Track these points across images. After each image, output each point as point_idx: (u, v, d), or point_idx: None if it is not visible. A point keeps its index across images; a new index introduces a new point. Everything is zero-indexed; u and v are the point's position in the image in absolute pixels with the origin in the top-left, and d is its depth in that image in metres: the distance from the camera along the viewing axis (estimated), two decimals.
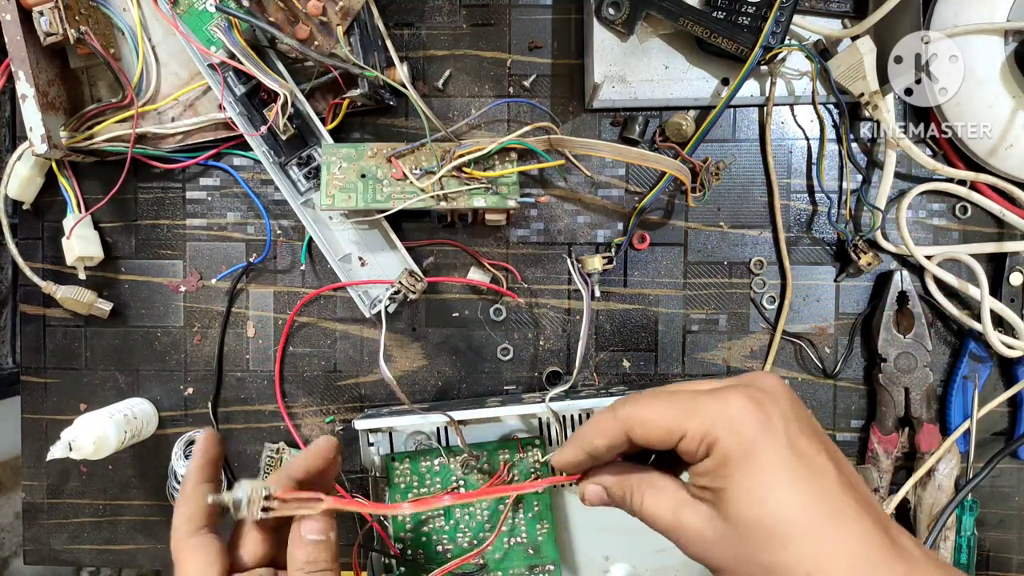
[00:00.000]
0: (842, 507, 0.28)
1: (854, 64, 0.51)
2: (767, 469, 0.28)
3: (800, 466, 0.28)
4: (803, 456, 0.29)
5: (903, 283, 0.54)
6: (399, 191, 0.50)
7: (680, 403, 0.30)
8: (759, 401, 0.29)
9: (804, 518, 0.28)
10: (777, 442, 0.29)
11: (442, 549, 0.52)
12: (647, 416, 0.30)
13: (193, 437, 0.57)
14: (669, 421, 0.30)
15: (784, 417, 0.29)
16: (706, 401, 0.29)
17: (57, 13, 0.48)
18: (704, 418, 0.29)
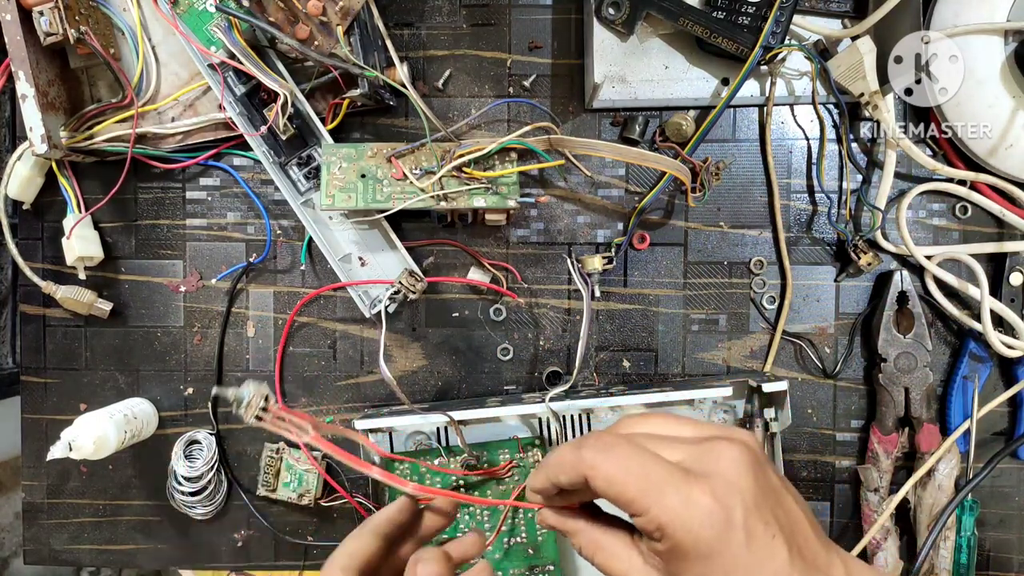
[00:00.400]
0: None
1: (854, 64, 0.51)
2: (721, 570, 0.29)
3: (752, 562, 0.29)
4: (758, 549, 0.29)
5: (903, 283, 0.54)
6: (399, 191, 0.50)
7: (646, 479, 0.29)
8: (723, 498, 0.29)
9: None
10: (734, 542, 0.29)
11: None
12: (609, 474, 0.30)
13: (194, 437, 0.57)
14: (631, 493, 0.30)
15: (744, 508, 0.29)
16: (671, 492, 0.29)
17: (57, 13, 0.48)
18: (665, 510, 0.29)
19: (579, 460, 0.31)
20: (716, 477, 0.30)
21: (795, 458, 0.57)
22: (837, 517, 0.57)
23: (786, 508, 0.31)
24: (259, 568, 0.59)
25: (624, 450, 0.30)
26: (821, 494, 0.57)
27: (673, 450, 0.31)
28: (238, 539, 0.58)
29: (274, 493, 0.56)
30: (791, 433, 0.57)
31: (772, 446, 0.53)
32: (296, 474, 0.56)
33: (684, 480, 0.29)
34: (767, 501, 0.30)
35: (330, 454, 0.37)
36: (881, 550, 0.54)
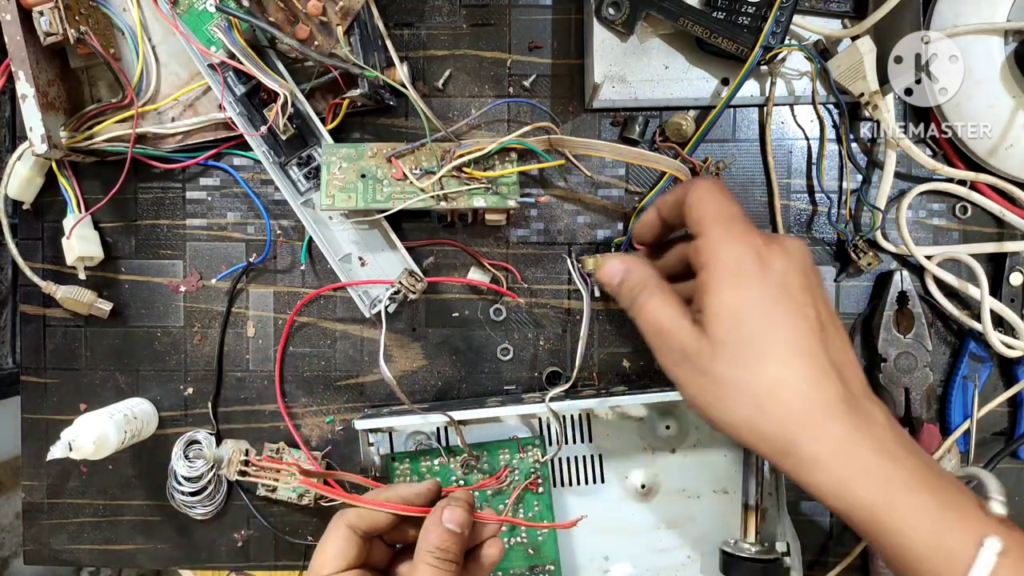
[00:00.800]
0: (810, 351, 0.31)
1: (854, 64, 0.51)
2: (751, 297, 0.32)
3: (781, 307, 0.32)
4: (789, 299, 0.32)
5: (903, 283, 0.54)
6: (399, 191, 0.50)
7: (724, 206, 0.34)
8: (772, 247, 0.33)
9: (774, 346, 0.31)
10: (766, 281, 0.32)
11: None
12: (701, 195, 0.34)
13: (194, 437, 0.57)
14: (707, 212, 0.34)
15: (786, 268, 0.33)
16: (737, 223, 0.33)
17: (57, 13, 0.48)
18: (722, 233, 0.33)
19: (690, 182, 0.36)
20: (779, 243, 0.34)
21: None
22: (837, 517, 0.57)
23: (831, 315, 0.34)
24: (259, 568, 0.59)
25: (725, 193, 0.35)
26: None
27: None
28: (238, 539, 0.58)
29: (274, 493, 0.56)
30: None
31: None
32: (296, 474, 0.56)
33: (754, 228, 0.34)
34: (814, 290, 0.33)
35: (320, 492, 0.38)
36: None
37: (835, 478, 0.31)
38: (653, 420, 0.54)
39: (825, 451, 0.31)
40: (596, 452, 0.54)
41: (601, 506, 0.54)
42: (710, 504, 0.54)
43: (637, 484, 0.54)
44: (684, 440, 0.55)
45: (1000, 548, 0.29)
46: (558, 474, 0.54)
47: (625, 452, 0.54)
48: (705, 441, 0.55)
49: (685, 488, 0.55)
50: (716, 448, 0.55)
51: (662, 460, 0.55)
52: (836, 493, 0.31)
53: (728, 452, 0.55)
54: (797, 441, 0.31)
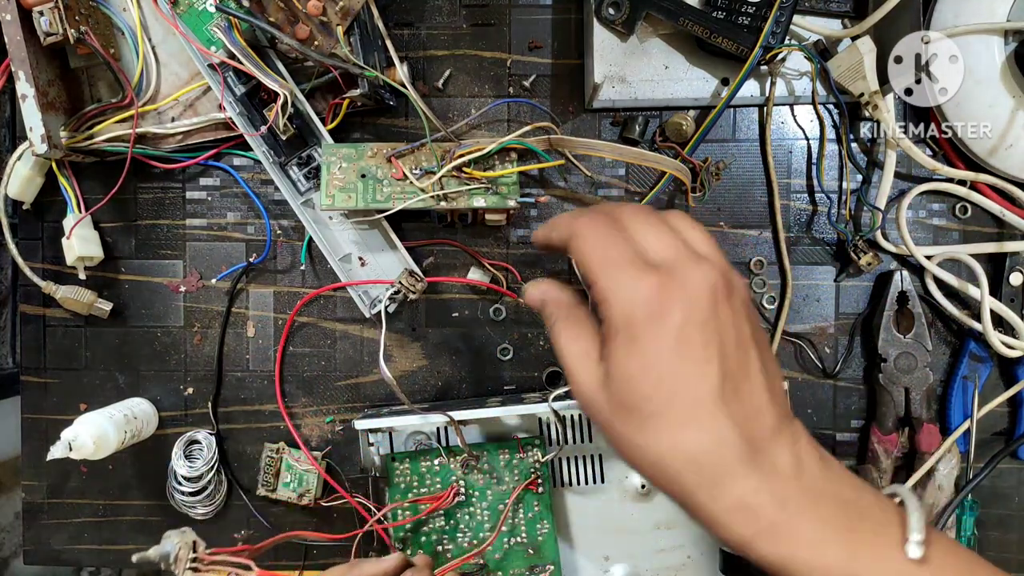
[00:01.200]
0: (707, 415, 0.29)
1: (854, 64, 0.51)
2: (643, 359, 0.30)
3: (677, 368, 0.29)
4: (684, 359, 0.29)
5: (903, 283, 0.54)
6: (399, 191, 0.50)
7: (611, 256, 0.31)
8: (669, 295, 0.30)
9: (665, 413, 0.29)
10: (663, 339, 0.29)
11: (442, 549, 0.52)
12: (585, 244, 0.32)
13: (194, 437, 0.57)
14: (593, 262, 0.31)
15: (687, 315, 0.30)
16: (625, 273, 0.30)
17: (57, 13, 0.48)
18: (612, 282, 0.30)
19: (572, 222, 0.33)
20: (676, 281, 0.30)
21: None
22: None
23: (743, 351, 0.31)
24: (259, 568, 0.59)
25: (609, 231, 0.32)
26: None
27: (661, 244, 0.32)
28: (238, 539, 0.58)
29: (274, 493, 0.56)
30: None
31: None
32: (296, 474, 0.56)
33: (643, 269, 0.30)
34: (721, 328, 0.30)
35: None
36: None
37: (736, 536, 0.29)
38: None
39: (724, 513, 0.29)
40: (596, 452, 0.54)
41: (601, 506, 0.54)
42: None
43: (637, 484, 0.54)
44: None
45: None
46: (558, 474, 0.54)
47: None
48: None
49: None
50: None
51: None
52: (741, 549, 0.30)
53: None
54: (698, 503, 0.30)
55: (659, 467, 0.30)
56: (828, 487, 0.31)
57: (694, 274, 0.30)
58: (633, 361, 0.30)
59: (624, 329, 0.30)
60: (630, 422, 0.30)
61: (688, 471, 0.29)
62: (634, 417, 0.30)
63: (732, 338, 0.31)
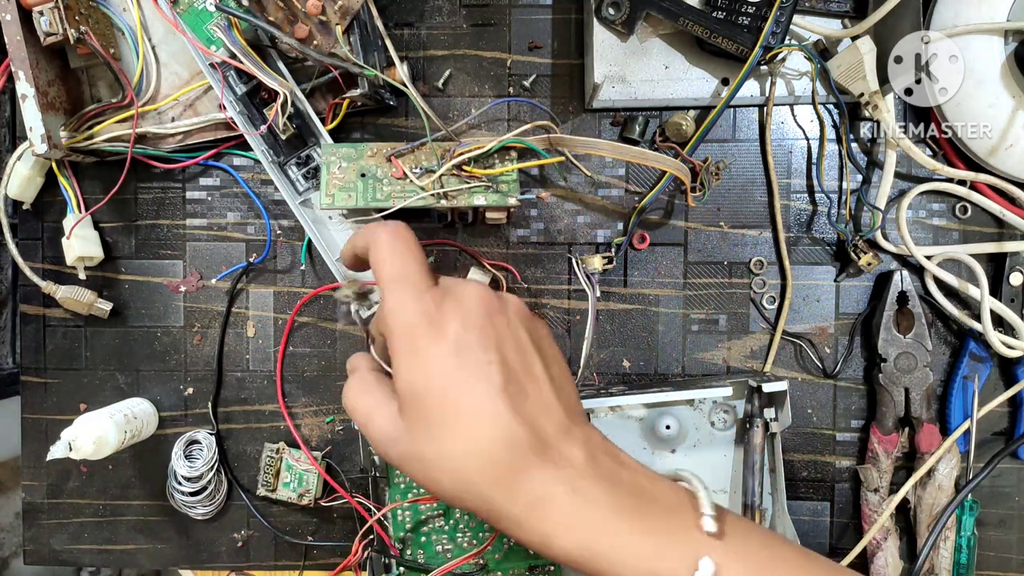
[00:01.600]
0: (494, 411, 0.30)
1: (854, 64, 0.51)
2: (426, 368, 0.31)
3: (459, 372, 0.31)
4: (465, 364, 0.31)
5: (903, 283, 0.54)
6: (399, 190, 0.50)
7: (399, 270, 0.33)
8: (443, 309, 0.32)
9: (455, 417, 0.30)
10: (441, 348, 0.31)
11: (441, 549, 0.52)
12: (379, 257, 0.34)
13: (194, 437, 0.57)
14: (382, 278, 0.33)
15: (463, 327, 0.32)
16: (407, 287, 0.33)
17: (57, 13, 0.48)
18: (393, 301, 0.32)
19: (376, 230, 0.35)
20: (451, 296, 0.33)
21: (795, 458, 0.57)
22: (837, 517, 0.57)
23: (523, 355, 0.33)
24: (259, 568, 0.59)
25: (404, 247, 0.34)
26: (821, 494, 0.57)
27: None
28: (238, 539, 0.58)
29: (274, 493, 0.56)
30: (791, 433, 0.57)
31: (772, 446, 0.53)
32: (296, 474, 0.56)
33: (426, 285, 0.33)
34: (498, 335, 0.32)
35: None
36: (881, 550, 0.54)
37: (538, 534, 0.30)
38: (653, 420, 0.54)
39: (522, 510, 0.30)
40: None
41: None
42: None
43: None
44: (684, 440, 0.55)
45: (714, 569, 0.29)
46: None
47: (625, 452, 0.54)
48: (705, 441, 0.55)
49: None
50: (716, 448, 0.55)
51: (662, 460, 0.55)
52: (545, 548, 0.30)
53: (728, 452, 0.55)
54: (498, 506, 0.30)
55: (457, 476, 0.30)
56: (621, 477, 0.32)
57: (466, 289, 0.33)
58: (416, 372, 0.31)
59: (406, 342, 0.31)
60: (424, 438, 0.31)
61: (483, 472, 0.30)
62: (428, 430, 0.30)
63: (511, 344, 0.32)
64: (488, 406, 0.30)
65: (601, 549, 0.30)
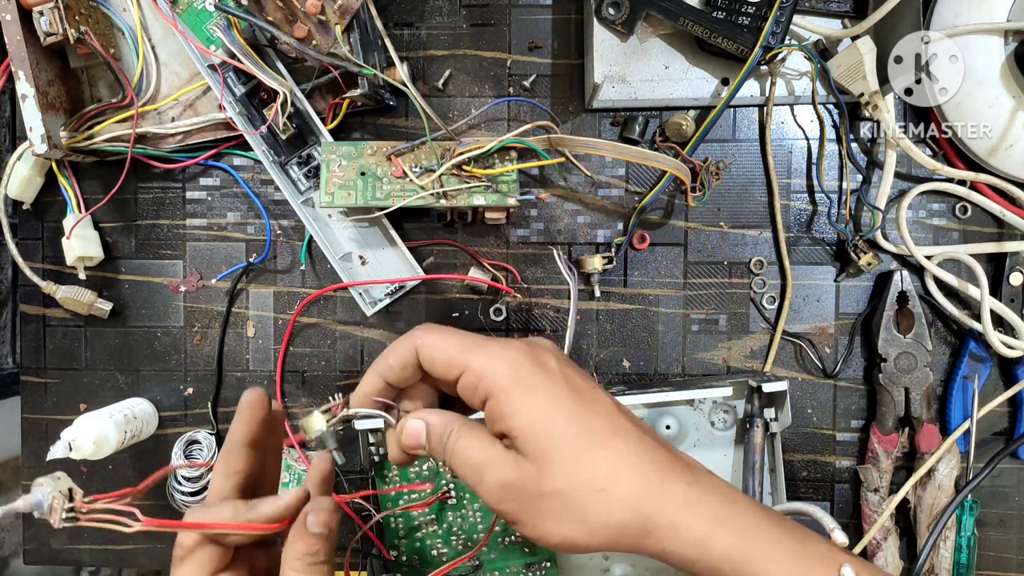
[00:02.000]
0: (623, 428, 0.31)
1: (854, 64, 0.51)
2: (550, 401, 0.31)
3: (578, 399, 0.31)
4: (579, 391, 0.32)
5: (903, 283, 0.54)
6: (399, 189, 0.50)
7: (467, 340, 0.33)
8: (536, 349, 0.33)
9: (592, 438, 0.30)
10: (553, 380, 0.31)
11: (437, 553, 0.52)
12: (435, 342, 0.33)
13: (194, 437, 0.57)
14: (454, 352, 0.32)
15: (559, 361, 0.32)
16: (489, 343, 0.32)
17: (57, 13, 0.48)
18: (485, 356, 0.31)
19: (410, 337, 0.34)
20: (531, 340, 0.34)
21: (795, 458, 0.57)
22: (837, 517, 0.57)
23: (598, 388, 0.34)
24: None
25: (450, 329, 0.34)
26: (821, 494, 0.57)
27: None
28: None
29: None
30: (791, 433, 0.57)
31: (772, 446, 0.53)
32: (295, 474, 0.56)
33: (501, 340, 0.33)
34: (583, 373, 0.33)
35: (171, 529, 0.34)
36: (881, 550, 0.54)
37: (693, 538, 0.30)
38: (653, 420, 0.54)
39: (677, 514, 0.30)
40: None
41: None
42: None
43: None
44: (684, 440, 0.55)
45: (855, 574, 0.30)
46: None
47: None
48: (705, 441, 0.55)
49: None
50: (716, 448, 0.55)
51: None
52: (698, 553, 0.30)
53: (728, 452, 0.55)
54: (651, 515, 0.30)
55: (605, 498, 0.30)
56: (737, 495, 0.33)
57: (541, 339, 0.35)
58: (538, 409, 0.30)
59: (516, 384, 0.31)
60: (559, 473, 0.30)
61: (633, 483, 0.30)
62: (562, 464, 0.30)
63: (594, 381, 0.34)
64: (612, 422, 0.31)
65: (757, 552, 0.30)
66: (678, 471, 0.31)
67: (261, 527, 0.33)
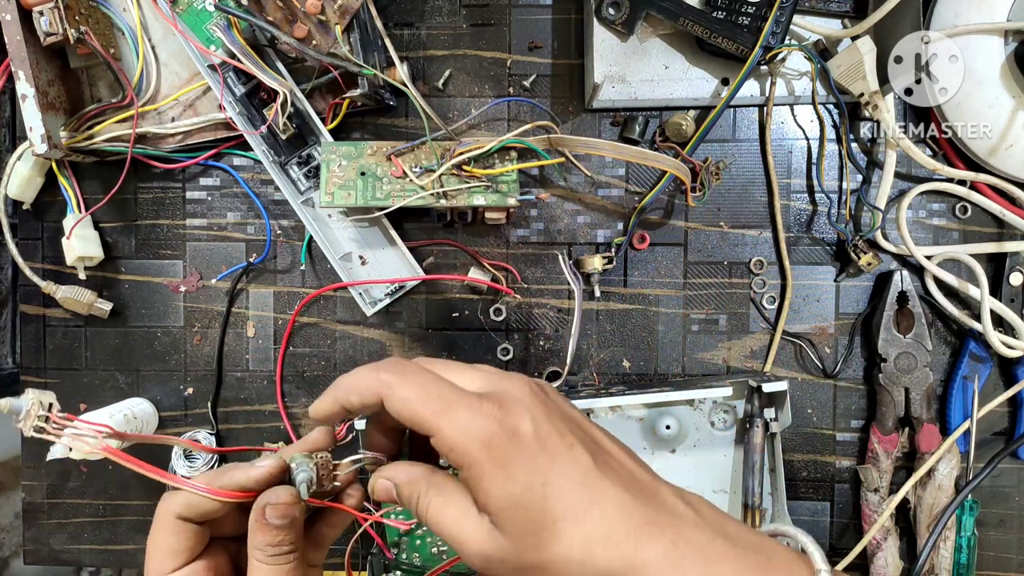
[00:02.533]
0: (599, 491, 0.29)
1: (854, 64, 0.51)
2: (523, 475, 0.29)
3: (554, 466, 0.29)
4: (555, 456, 0.30)
5: (903, 283, 0.54)
6: (399, 189, 0.50)
7: (438, 397, 0.30)
8: (510, 409, 0.30)
9: (566, 511, 0.29)
10: (527, 451, 0.29)
11: (437, 551, 0.52)
12: (405, 395, 0.30)
13: (194, 437, 0.57)
14: (425, 413, 0.30)
15: (534, 421, 0.30)
16: (462, 408, 0.29)
17: (57, 13, 0.48)
18: (456, 427, 0.29)
19: (377, 380, 0.31)
20: (504, 395, 0.31)
21: (795, 458, 0.57)
22: (837, 517, 0.57)
23: (587, 431, 0.32)
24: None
25: (420, 375, 0.31)
26: (821, 494, 0.57)
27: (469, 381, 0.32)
28: None
29: None
30: (791, 433, 0.57)
31: (772, 446, 0.53)
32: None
33: (476, 398, 0.30)
34: (561, 419, 0.31)
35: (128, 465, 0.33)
36: (881, 550, 0.54)
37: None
38: (653, 420, 0.54)
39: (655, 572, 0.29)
40: None
41: None
42: None
43: None
44: (684, 440, 0.55)
45: None
46: None
47: None
48: (705, 441, 0.55)
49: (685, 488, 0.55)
50: (716, 448, 0.55)
51: (662, 460, 0.55)
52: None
53: (728, 452, 0.55)
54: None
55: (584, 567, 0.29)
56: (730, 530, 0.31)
57: (513, 385, 0.31)
58: (512, 483, 0.29)
59: (488, 459, 0.29)
60: (535, 545, 0.29)
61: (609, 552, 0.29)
62: (539, 535, 0.29)
63: (568, 421, 0.31)
64: (591, 486, 0.30)
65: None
66: (659, 531, 0.29)
67: (226, 494, 0.32)
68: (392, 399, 0.30)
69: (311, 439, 0.35)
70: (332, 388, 0.32)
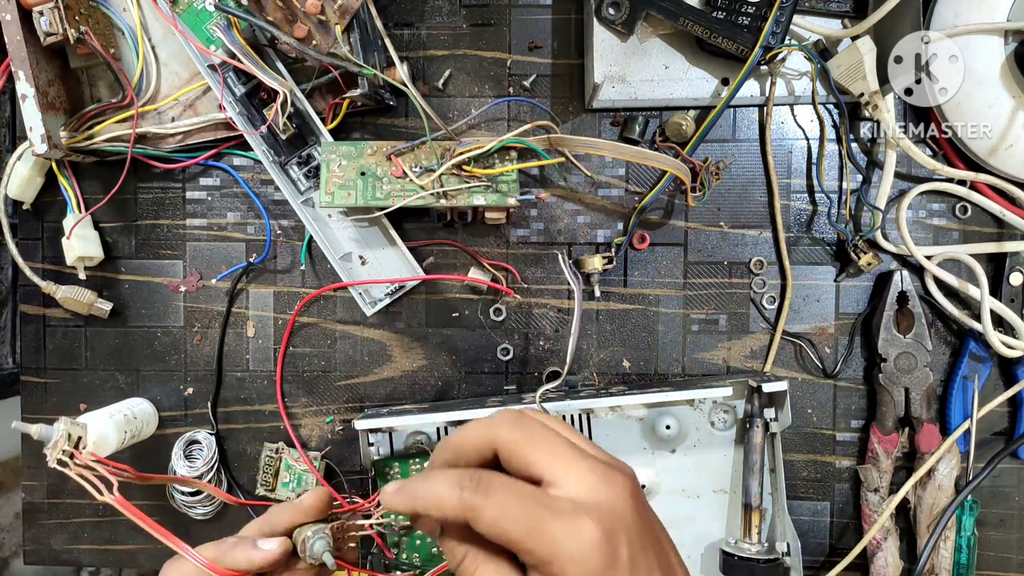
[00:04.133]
0: None
1: (854, 64, 0.51)
2: None
3: None
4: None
5: (903, 283, 0.54)
6: (399, 189, 0.50)
7: (529, 519, 0.28)
8: (609, 533, 0.29)
9: None
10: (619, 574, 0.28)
11: (437, 551, 0.52)
12: (492, 518, 0.28)
13: (194, 437, 0.57)
14: (515, 535, 0.28)
15: (629, 542, 0.29)
16: (557, 527, 0.28)
17: (57, 13, 0.48)
18: (551, 545, 0.28)
19: (460, 502, 0.29)
20: (607, 512, 0.29)
21: (795, 458, 0.57)
22: (837, 517, 0.57)
23: (663, 546, 0.31)
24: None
25: (504, 492, 0.29)
26: (821, 494, 0.57)
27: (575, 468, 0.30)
28: None
29: (273, 493, 0.56)
30: (791, 433, 0.57)
31: (772, 446, 0.53)
32: (295, 474, 0.56)
33: (571, 513, 0.28)
34: (649, 538, 0.30)
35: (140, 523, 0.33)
36: (881, 550, 0.54)
37: None
38: (653, 420, 0.54)
39: None
40: None
41: None
42: (710, 504, 0.54)
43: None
44: (684, 440, 0.55)
45: None
46: None
47: (625, 452, 0.54)
48: (705, 441, 0.55)
49: (685, 488, 0.55)
50: (716, 448, 0.55)
51: (662, 460, 0.55)
52: None
53: (728, 452, 0.55)
54: None
55: None
56: None
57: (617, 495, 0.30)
58: None
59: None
60: None
61: None
62: None
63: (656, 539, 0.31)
64: None
65: None
66: None
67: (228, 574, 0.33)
68: (479, 523, 0.29)
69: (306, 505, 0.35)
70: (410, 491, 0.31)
